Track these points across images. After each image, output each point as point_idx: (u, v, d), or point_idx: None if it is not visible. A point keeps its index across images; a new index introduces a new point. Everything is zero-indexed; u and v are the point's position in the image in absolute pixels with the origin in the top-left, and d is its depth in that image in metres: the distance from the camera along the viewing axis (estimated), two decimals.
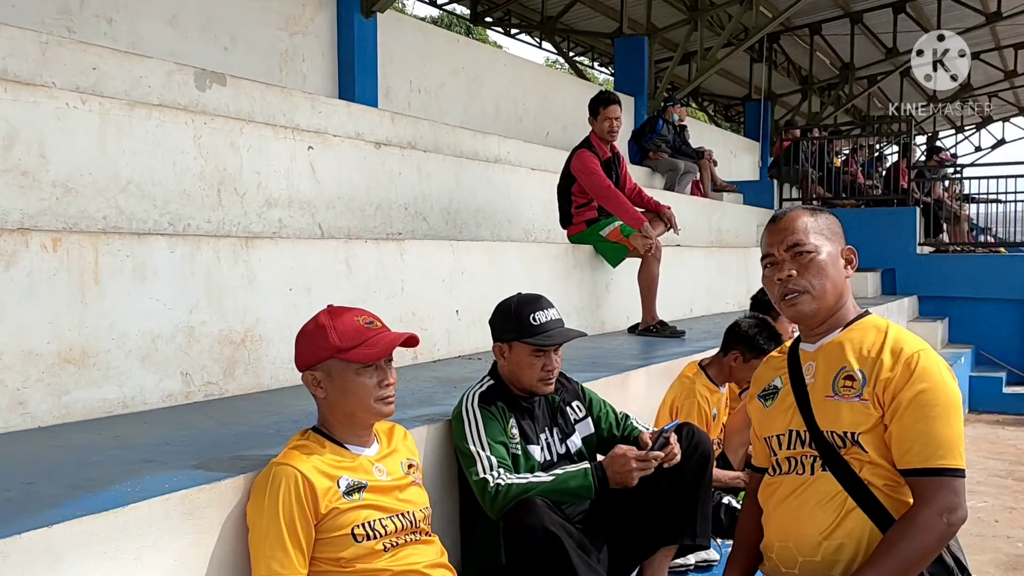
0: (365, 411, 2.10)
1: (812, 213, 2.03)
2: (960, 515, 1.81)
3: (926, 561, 1.81)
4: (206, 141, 3.92)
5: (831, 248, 1.99)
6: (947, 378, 1.87)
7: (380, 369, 2.11)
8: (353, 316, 2.13)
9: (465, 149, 6.50)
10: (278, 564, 1.89)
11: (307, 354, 2.11)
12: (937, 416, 1.82)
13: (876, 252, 11.01)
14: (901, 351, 1.88)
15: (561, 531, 2.42)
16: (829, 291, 1.97)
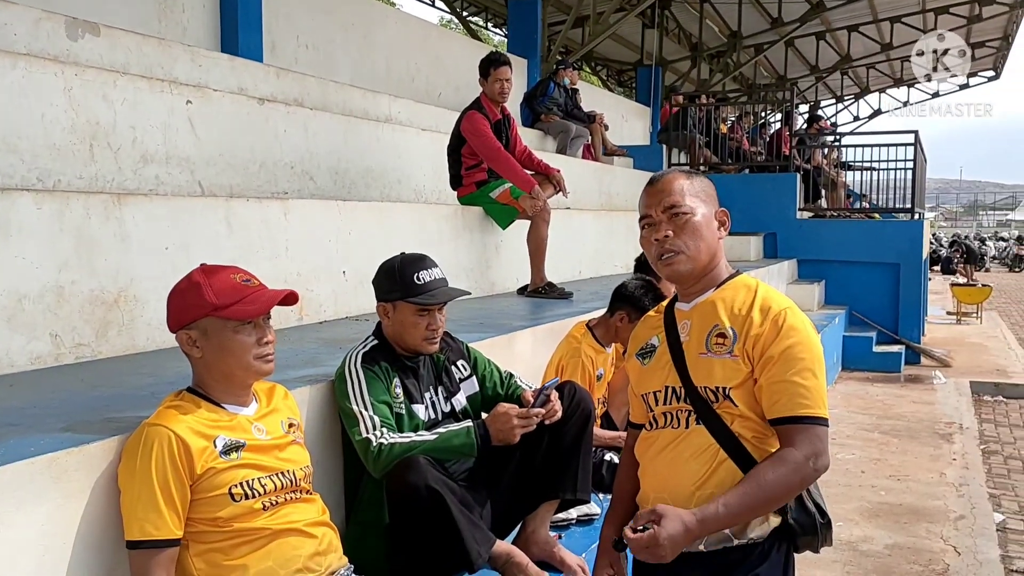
0: (244, 369, 2.07)
1: (688, 176, 2.07)
2: (823, 462, 1.89)
3: (787, 497, 1.91)
4: (77, 93, 3.74)
5: (706, 210, 2.03)
6: (812, 334, 1.96)
7: (259, 327, 2.08)
8: (229, 274, 2.08)
9: (354, 108, 6.38)
10: (152, 526, 1.86)
11: (181, 313, 2.06)
12: (803, 369, 1.90)
13: (759, 216, 11.38)
14: (769, 309, 1.96)
15: (444, 488, 2.45)
16: (703, 252, 2.02)
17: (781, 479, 1.86)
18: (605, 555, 2.20)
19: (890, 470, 6.51)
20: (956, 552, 4.91)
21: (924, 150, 12.69)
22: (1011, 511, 5.81)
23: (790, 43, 20.50)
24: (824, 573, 4.57)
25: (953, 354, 11.42)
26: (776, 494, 1.89)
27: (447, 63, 9.59)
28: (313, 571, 2.05)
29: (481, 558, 2.49)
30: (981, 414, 8.77)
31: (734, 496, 1.86)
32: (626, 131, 14.41)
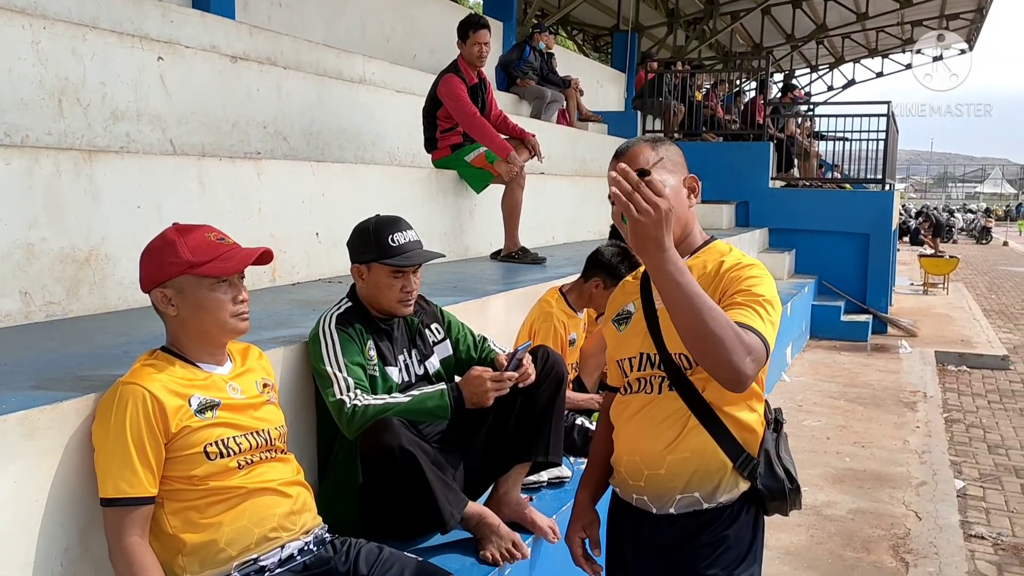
0: (220, 327, 2.07)
1: (653, 146, 2.04)
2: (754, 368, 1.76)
3: (720, 342, 1.71)
4: (46, 47, 3.67)
5: (673, 180, 2.01)
6: (771, 281, 1.94)
7: (234, 285, 2.08)
8: (203, 232, 2.07)
9: (328, 68, 6.30)
10: (126, 484, 1.86)
11: (155, 271, 2.04)
12: (759, 302, 1.85)
13: (731, 185, 11.42)
14: (735, 264, 1.96)
15: (417, 450, 2.47)
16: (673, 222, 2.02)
17: (726, 329, 1.71)
18: (579, 519, 2.24)
19: (855, 437, 6.63)
20: (917, 517, 5.02)
21: (896, 121, 12.77)
22: (971, 478, 5.95)
23: (767, 11, 20.48)
24: (789, 536, 4.66)
25: (919, 324, 11.59)
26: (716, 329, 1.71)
27: (423, 25, 9.48)
28: (288, 530, 2.06)
29: (453, 519, 2.52)
30: (945, 383, 8.93)
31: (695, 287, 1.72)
32: (601, 97, 14.35)
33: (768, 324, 1.84)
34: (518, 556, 2.60)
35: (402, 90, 6.69)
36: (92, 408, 1.94)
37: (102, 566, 1.94)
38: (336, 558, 2.14)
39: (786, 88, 15.89)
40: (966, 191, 77.84)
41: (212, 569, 1.96)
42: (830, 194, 12.38)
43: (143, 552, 1.87)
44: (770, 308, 1.88)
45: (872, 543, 4.65)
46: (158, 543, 1.94)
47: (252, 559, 1.99)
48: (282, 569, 2.04)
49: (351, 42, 7.86)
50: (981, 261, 25.30)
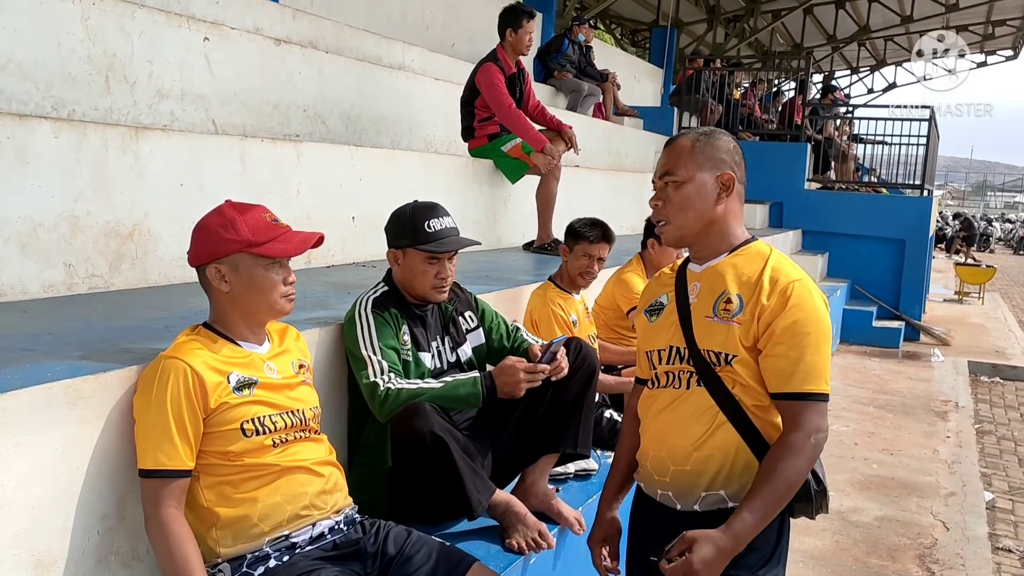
0: (269, 307, 2.10)
1: (696, 139, 2.03)
2: (822, 436, 1.91)
3: (801, 480, 1.91)
4: (94, 23, 3.71)
5: (704, 176, 1.99)
6: (819, 307, 1.95)
7: (285, 267, 2.11)
8: (259, 212, 2.10)
9: (368, 53, 6.33)
10: (165, 456, 1.89)
11: (211, 246, 2.06)
12: (808, 345, 1.89)
13: (766, 185, 11.34)
14: (778, 280, 1.94)
15: (448, 436, 2.48)
16: (692, 221, 2.00)
17: (791, 466, 1.87)
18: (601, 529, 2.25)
19: (883, 444, 6.57)
20: (945, 527, 4.98)
21: (938, 126, 12.61)
22: (1001, 491, 5.88)
23: (809, 10, 20.27)
24: (814, 541, 4.64)
25: (953, 333, 11.45)
26: (791, 482, 1.89)
27: (463, 13, 9.47)
28: (319, 508, 2.09)
29: (481, 506, 2.54)
30: (977, 394, 8.82)
31: (758, 501, 1.87)
32: (637, 92, 14.27)
33: (820, 371, 1.90)
34: (544, 546, 2.61)
35: (441, 78, 6.70)
36: (134, 380, 1.97)
37: (138, 535, 1.97)
38: (365, 539, 2.16)
39: (826, 89, 15.70)
40: (1005, 200, 76.67)
41: (245, 543, 1.99)
42: (866, 198, 12.25)
43: (179, 523, 1.90)
44: (821, 344, 1.92)
45: (898, 551, 4.62)
46: (193, 515, 1.97)
47: (284, 535, 2.02)
48: (313, 547, 2.06)
49: (391, 28, 7.87)
50: (1018, 272, 24.93)
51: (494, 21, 5.73)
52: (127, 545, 2.01)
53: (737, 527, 1.84)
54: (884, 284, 11.35)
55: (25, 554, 1.77)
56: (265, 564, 1.99)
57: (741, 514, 1.85)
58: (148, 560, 2.02)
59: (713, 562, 1.82)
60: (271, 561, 2.00)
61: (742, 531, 1.84)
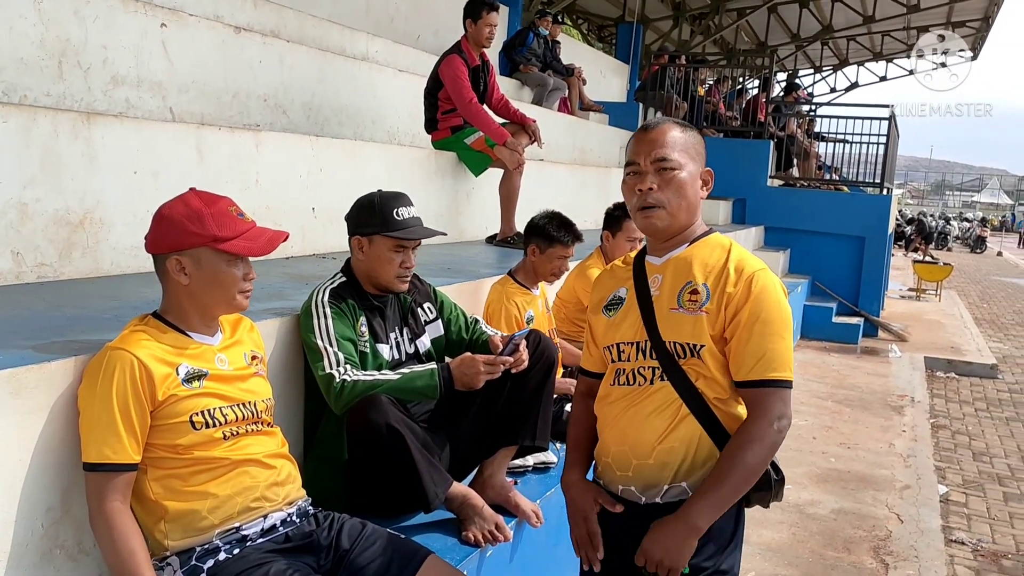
0: (226, 303, 2.06)
1: (683, 129, 2.03)
2: (786, 423, 1.94)
3: (763, 468, 1.94)
4: (48, 7, 3.63)
5: (693, 167, 2.01)
6: (781, 297, 1.98)
7: (246, 263, 2.07)
8: (226, 205, 2.04)
9: (331, 44, 6.26)
10: (110, 449, 1.84)
11: (174, 238, 1.99)
12: (772, 333, 1.92)
13: (730, 181, 11.39)
14: (743, 270, 1.96)
15: (404, 428, 2.46)
16: (683, 210, 2.01)
17: (754, 453, 1.90)
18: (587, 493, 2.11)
19: (841, 438, 6.65)
20: (899, 520, 5.04)
21: (898, 126, 12.77)
22: (955, 484, 5.97)
23: (773, 9, 20.44)
24: (771, 533, 4.67)
25: (910, 329, 11.62)
26: (752, 468, 1.92)
27: (428, 5, 9.41)
28: (271, 500, 2.06)
29: (438, 498, 2.52)
30: (933, 389, 8.96)
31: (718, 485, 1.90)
32: (603, 87, 14.30)
33: (783, 358, 1.94)
34: (500, 538, 2.60)
35: (405, 69, 6.65)
36: (80, 370, 1.93)
37: (84, 528, 1.93)
38: (318, 531, 2.14)
39: (789, 87, 15.82)
40: (963, 200, 77.96)
41: (194, 536, 1.95)
42: (828, 195, 12.38)
43: (123, 518, 1.86)
44: (784, 332, 1.95)
45: (853, 543, 4.67)
46: (140, 508, 1.93)
47: (234, 528, 1.99)
48: (264, 539, 2.03)
49: (356, 19, 7.80)
50: (975, 270, 25.37)
51: (459, 13, 5.70)
52: (73, 538, 1.97)
53: (696, 511, 1.88)
54: (844, 281, 11.48)
55: None
56: (215, 557, 1.96)
57: (704, 498, 1.89)
58: (95, 553, 1.98)
59: (672, 545, 1.88)
60: (221, 554, 1.96)
61: (703, 514, 1.88)
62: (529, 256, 3.77)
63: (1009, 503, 5.67)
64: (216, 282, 2.01)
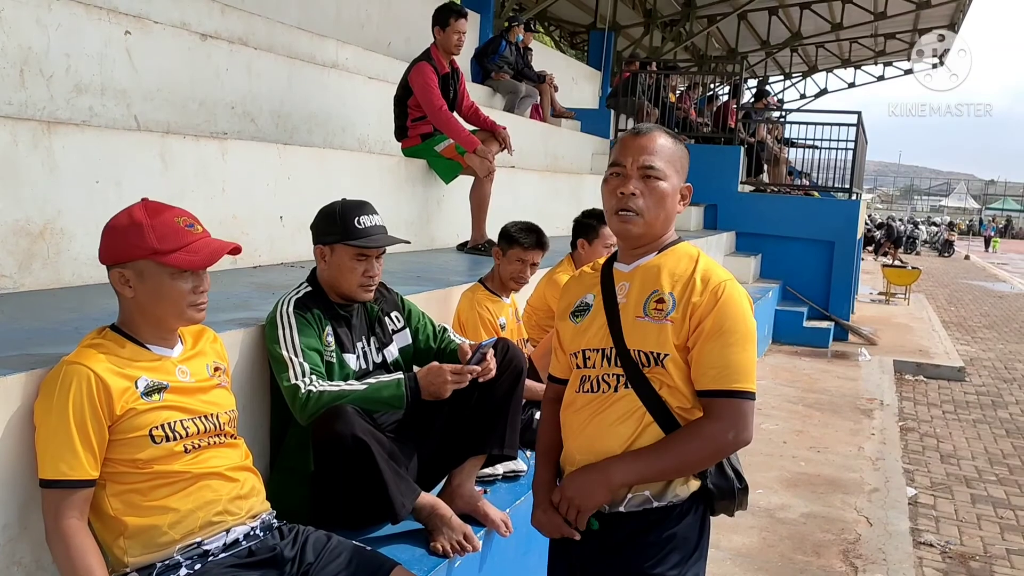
0: (176, 316, 2.02)
1: (673, 140, 2.03)
2: (745, 436, 1.92)
3: (700, 466, 1.96)
4: (9, 15, 3.59)
5: (676, 180, 2.01)
6: (747, 308, 1.97)
7: (196, 275, 2.02)
8: (173, 216, 2.00)
9: (300, 51, 6.23)
10: (67, 466, 1.81)
11: (117, 250, 1.97)
12: (735, 343, 1.91)
13: (701, 188, 11.36)
14: (710, 279, 1.96)
15: (371, 439, 2.45)
16: (660, 220, 2.01)
17: (693, 449, 1.91)
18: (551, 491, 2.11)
19: (811, 442, 6.69)
20: (868, 523, 5.08)
21: (866, 132, 12.90)
22: (923, 486, 6.02)
23: (743, 16, 20.61)
24: (741, 538, 4.69)
25: (879, 333, 11.73)
26: (685, 463, 1.94)
27: (399, 12, 9.40)
28: (233, 514, 2.03)
29: (405, 509, 2.51)
30: (902, 392, 9.04)
31: (646, 458, 1.92)
32: (575, 94, 14.34)
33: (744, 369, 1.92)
34: (469, 549, 2.59)
35: (375, 77, 6.63)
36: (36, 385, 1.89)
37: (42, 545, 1.89)
38: (283, 544, 2.11)
39: (759, 94, 15.96)
40: (931, 204, 78.94)
41: (154, 552, 1.92)
42: (798, 200, 12.48)
43: (81, 535, 1.83)
44: (747, 344, 1.93)
45: (823, 547, 4.69)
46: (99, 524, 1.90)
47: (196, 543, 1.96)
48: (227, 554, 2.01)
49: (325, 26, 7.78)
50: (943, 274, 25.67)
51: (430, 20, 5.69)
52: (31, 555, 1.93)
53: (617, 466, 1.92)
54: (814, 285, 11.57)
55: None
56: (176, 573, 1.93)
57: (631, 462, 1.92)
58: (53, 570, 1.94)
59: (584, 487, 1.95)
60: (182, 570, 1.94)
61: (621, 472, 1.92)
62: (495, 260, 3.77)
63: (977, 505, 5.73)
64: (160, 295, 1.98)
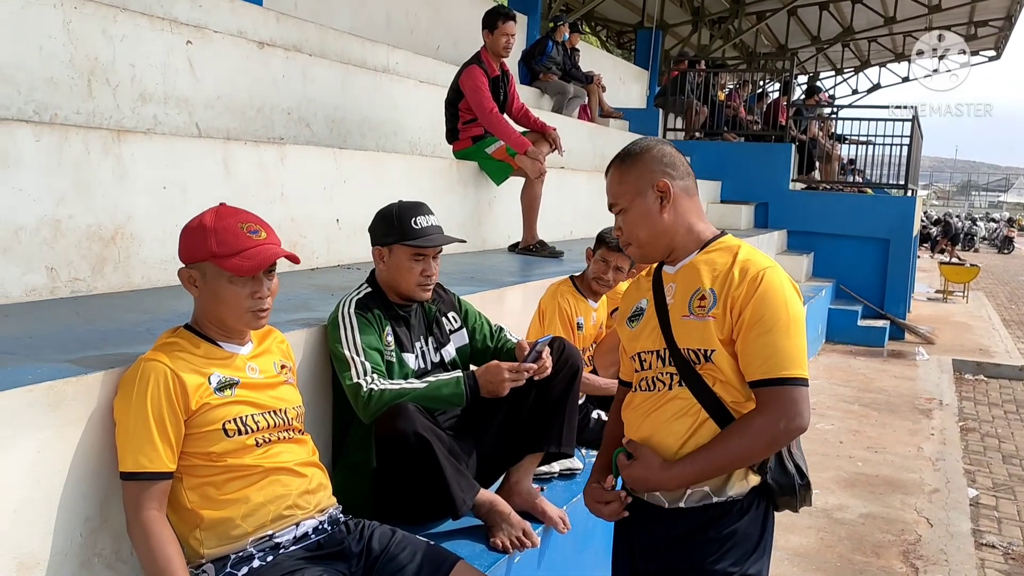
0: (235, 319, 2.09)
1: (620, 164, 2.11)
2: (798, 423, 1.91)
3: (752, 460, 1.96)
4: (76, 27, 3.71)
5: (640, 200, 2.06)
6: (789, 294, 1.96)
7: (256, 280, 2.07)
8: (239, 221, 2.07)
9: (352, 56, 6.34)
10: (146, 459, 1.89)
11: (187, 250, 2.07)
12: (777, 330, 1.90)
13: (751, 186, 11.41)
14: (748, 270, 1.96)
15: (432, 436, 2.49)
16: (651, 236, 2.06)
17: (744, 444, 1.92)
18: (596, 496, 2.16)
19: (868, 442, 6.61)
20: (929, 524, 5.01)
21: (921, 127, 12.69)
22: (985, 487, 5.92)
23: (793, 12, 20.37)
24: (799, 538, 4.66)
25: (937, 332, 11.52)
26: (740, 457, 1.95)
27: (447, 16, 9.49)
28: (302, 508, 2.09)
29: (465, 505, 2.55)
30: (961, 392, 8.88)
31: (700, 460, 1.94)
32: (623, 94, 14.33)
33: (791, 355, 1.91)
34: (528, 545, 2.62)
35: (425, 80, 6.71)
36: (115, 382, 1.97)
37: (121, 537, 1.97)
38: (350, 538, 2.17)
39: (810, 90, 15.77)
40: (989, 200, 77.18)
41: (228, 544, 1.99)
42: (851, 198, 12.32)
43: (160, 525, 1.90)
44: (792, 329, 1.93)
45: (882, 548, 4.65)
46: (176, 517, 1.98)
47: (268, 535, 2.03)
48: (297, 547, 2.07)
49: (375, 31, 7.89)
50: (1002, 271, 25.11)
51: (478, 24, 5.75)
52: (110, 547, 2.01)
53: (673, 472, 1.96)
54: (869, 284, 11.41)
55: (7, 556, 1.77)
56: (249, 564, 2.00)
57: (682, 464, 1.95)
58: (132, 562, 2.02)
59: (640, 480, 2.01)
60: (255, 561, 2.00)
61: (675, 477, 1.96)
62: (586, 260, 3.80)
63: None
64: (219, 297, 2.06)
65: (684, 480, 1.95)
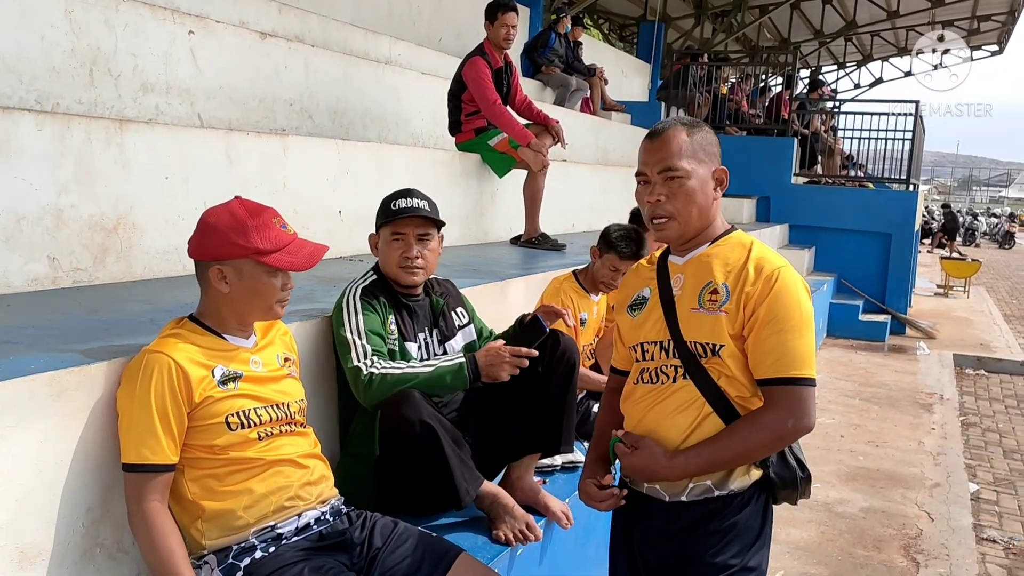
0: (264, 312, 2.09)
1: (689, 131, 2.00)
2: (806, 422, 1.91)
3: (759, 455, 1.96)
4: (78, 16, 3.69)
5: (703, 171, 1.99)
6: (802, 294, 1.96)
7: (285, 273, 2.09)
8: (270, 216, 2.07)
9: (355, 48, 6.31)
10: (148, 450, 1.88)
11: (218, 247, 2.02)
12: (791, 330, 1.90)
13: (753, 180, 11.38)
14: (763, 268, 1.95)
15: (438, 424, 2.49)
16: (695, 216, 1.99)
17: (753, 438, 1.91)
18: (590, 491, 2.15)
19: (869, 436, 6.61)
20: (930, 518, 5.01)
21: (923, 121, 12.66)
22: (986, 482, 5.92)
23: (795, 5, 20.32)
24: (800, 532, 4.66)
25: (938, 327, 11.52)
26: (747, 453, 1.94)
27: (449, 8, 9.45)
28: (304, 499, 2.09)
29: (469, 496, 2.54)
30: (962, 386, 8.88)
31: (706, 453, 1.93)
32: (625, 87, 14.29)
33: (802, 355, 1.91)
34: (531, 537, 2.62)
35: (427, 72, 6.69)
36: (118, 373, 1.97)
37: (123, 527, 1.97)
38: (352, 529, 2.16)
39: (813, 84, 15.73)
40: (991, 195, 77.10)
41: (230, 535, 1.99)
42: (853, 192, 12.30)
43: (162, 517, 1.89)
44: (804, 330, 1.92)
45: (883, 542, 4.65)
46: (178, 508, 1.97)
47: (270, 526, 2.02)
48: (299, 537, 2.06)
49: (378, 23, 7.86)
50: (1003, 266, 25.09)
51: (481, 15, 5.73)
52: (112, 537, 2.00)
53: (677, 462, 1.94)
54: (870, 278, 11.40)
55: (9, 546, 1.76)
56: (251, 555, 1.99)
57: (687, 455, 1.94)
58: (134, 552, 2.02)
59: (643, 469, 1.99)
60: (257, 552, 2.00)
61: (679, 467, 1.95)
62: (592, 258, 3.78)
63: None
64: (256, 292, 2.05)
65: (687, 471, 1.94)
